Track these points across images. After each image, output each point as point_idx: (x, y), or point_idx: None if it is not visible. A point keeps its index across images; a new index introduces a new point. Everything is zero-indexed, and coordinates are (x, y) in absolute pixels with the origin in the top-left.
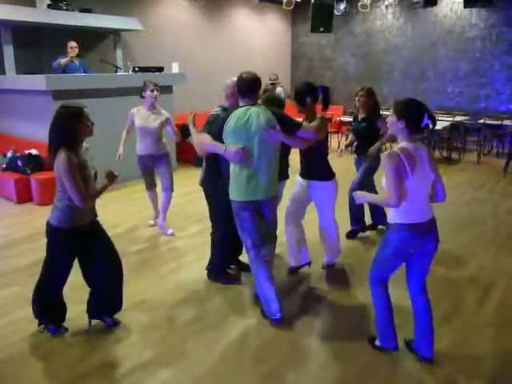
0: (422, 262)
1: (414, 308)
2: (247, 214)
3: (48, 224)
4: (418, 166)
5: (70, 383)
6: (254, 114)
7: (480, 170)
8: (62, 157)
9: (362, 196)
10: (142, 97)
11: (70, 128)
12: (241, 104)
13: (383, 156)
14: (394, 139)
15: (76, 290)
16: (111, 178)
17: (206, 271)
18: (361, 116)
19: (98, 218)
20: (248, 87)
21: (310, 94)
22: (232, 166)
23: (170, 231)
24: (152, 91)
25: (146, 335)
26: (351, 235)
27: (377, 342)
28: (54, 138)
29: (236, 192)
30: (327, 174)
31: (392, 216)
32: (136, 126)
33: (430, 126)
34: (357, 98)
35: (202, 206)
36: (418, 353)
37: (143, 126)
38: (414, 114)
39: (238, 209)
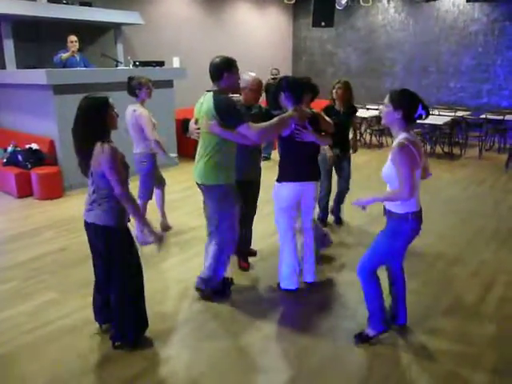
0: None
1: (396, 283)
2: None
3: (103, 227)
4: (421, 156)
5: (70, 379)
6: (204, 102)
7: (482, 166)
8: (106, 149)
9: (366, 200)
10: (136, 95)
11: (99, 119)
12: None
13: (395, 149)
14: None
15: (78, 285)
16: None
17: None
18: (339, 108)
19: None
20: (212, 72)
21: (282, 90)
22: None
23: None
24: (149, 89)
25: (148, 330)
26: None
27: (369, 332)
28: (84, 131)
29: None
30: (279, 176)
31: (401, 206)
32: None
33: (424, 116)
34: (334, 91)
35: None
36: (397, 322)
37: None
38: (410, 103)
39: None
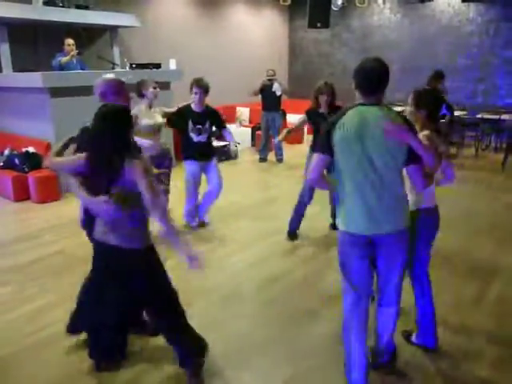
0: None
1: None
2: None
3: (136, 251)
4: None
5: (67, 381)
6: None
7: (478, 165)
8: (141, 166)
9: None
10: (141, 95)
11: (125, 131)
12: None
13: (425, 134)
14: None
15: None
16: None
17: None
18: (324, 111)
19: None
20: None
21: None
22: None
23: None
24: (154, 88)
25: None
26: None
27: (414, 339)
28: (110, 144)
29: None
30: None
31: (416, 201)
32: (143, 125)
33: (448, 115)
34: (322, 96)
35: None
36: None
37: (152, 124)
38: (433, 103)
39: None
